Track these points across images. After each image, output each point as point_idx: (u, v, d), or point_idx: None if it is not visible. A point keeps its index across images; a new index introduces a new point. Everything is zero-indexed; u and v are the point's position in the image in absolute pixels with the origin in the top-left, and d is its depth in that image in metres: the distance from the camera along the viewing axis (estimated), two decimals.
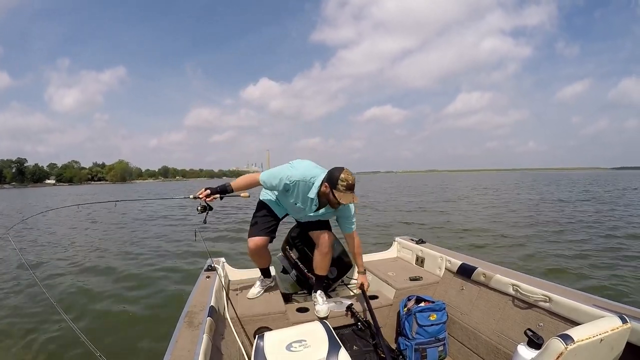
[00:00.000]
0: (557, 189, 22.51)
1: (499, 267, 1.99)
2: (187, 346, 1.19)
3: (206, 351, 1.19)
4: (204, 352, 1.17)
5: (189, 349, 1.17)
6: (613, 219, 8.46)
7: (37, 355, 2.39)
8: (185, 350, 1.17)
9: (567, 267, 4.44)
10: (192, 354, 1.14)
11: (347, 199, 1.70)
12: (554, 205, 11.91)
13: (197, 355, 1.13)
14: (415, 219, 9.14)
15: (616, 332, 1.01)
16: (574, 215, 9.22)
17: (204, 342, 1.21)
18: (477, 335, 1.79)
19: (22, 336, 2.65)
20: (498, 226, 7.74)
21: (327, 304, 2.00)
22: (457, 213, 10.52)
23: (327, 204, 1.83)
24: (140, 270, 4.49)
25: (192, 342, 1.21)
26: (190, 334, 1.28)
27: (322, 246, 2.00)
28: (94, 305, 3.29)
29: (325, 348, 1.29)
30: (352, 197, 1.72)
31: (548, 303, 1.54)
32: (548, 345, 0.95)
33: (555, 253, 5.13)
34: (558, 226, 7.53)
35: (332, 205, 1.80)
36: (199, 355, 1.13)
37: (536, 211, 10.38)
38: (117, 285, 3.84)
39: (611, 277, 4.04)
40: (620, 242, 5.89)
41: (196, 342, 1.21)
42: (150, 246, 6.08)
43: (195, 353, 1.14)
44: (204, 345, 1.19)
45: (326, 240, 1.99)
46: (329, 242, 2.00)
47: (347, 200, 1.70)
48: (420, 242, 2.63)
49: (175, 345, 1.21)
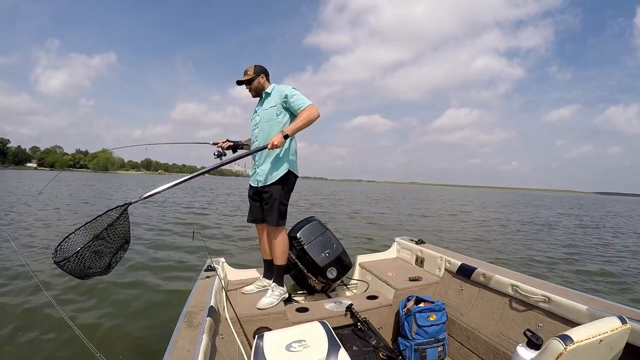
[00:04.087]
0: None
1: (499, 267, 2.00)
2: (186, 346, 1.19)
3: (206, 351, 1.19)
4: (204, 352, 1.17)
5: (188, 349, 1.17)
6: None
7: (36, 355, 2.39)
8: (184, 350, 1.17)
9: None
10: (192, 354, 1.14)
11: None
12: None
13: (196, 355, 1.13)
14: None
15: (615, 332, 1.01)
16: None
17: (204, 342, 1.21)
18: (476, 336, 1.79)
19: (19, 335, 2.65)
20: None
21: (272, 298, 1.99)
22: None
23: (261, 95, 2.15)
24: (140, 270, 4.48)
25: (192, 342, 1.21)
26: (190, 334, 1.28)
27: (270, 234, 2.11)
28: (93, 304, 3.29)
29: (325, 348, 1.29)
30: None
31: (547, 304, 1.54)
32: (547, 345, 0.95)
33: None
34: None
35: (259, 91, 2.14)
36: (198, 356, 1.12)
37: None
38: (116, 285, 3.83)
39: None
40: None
41: (196, 342, 1.21)
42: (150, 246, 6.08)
43: (194, 353, 1.14)
44: (203, 346, 1.19)
45: (272, 229, 2.07)
46: (273, 231, 2.07)
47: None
48: (420, 243, 2.64)
49: (175, 345, 1.21)
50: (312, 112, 1.94)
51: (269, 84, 2.18)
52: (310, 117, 1.93)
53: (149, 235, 7.04)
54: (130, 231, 1.56)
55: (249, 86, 2.16)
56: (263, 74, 2.15)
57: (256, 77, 2.12)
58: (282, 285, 2.11)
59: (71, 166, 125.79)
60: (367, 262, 2.74)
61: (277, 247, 2.07)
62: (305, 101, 1.98)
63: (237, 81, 2.17)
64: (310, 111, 1.94)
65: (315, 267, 2.41)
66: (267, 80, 2.17)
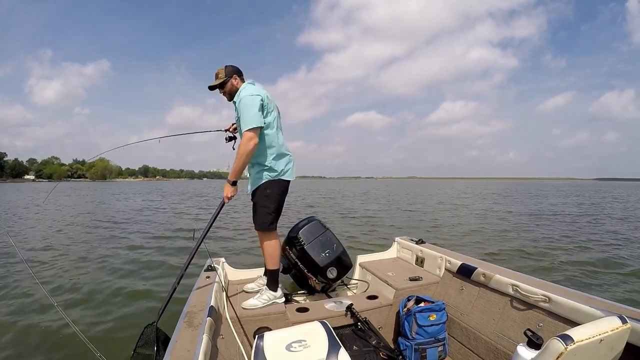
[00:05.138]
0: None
1: (499, 267, 1.99)
2: (186, 346, 1.19)
3: (206, 351, 1.19)
4: (204, 352, 1.17)
5: (188, 349, 1.17)
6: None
7: (36, 356, 2.39)
8: (184, 350, 1.17)
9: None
10: (192, 354, 1.14)
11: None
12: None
13: (196, 355, 1.13)
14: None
15: (616, 332, 1.01)
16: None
17: (204, 342, 1.21)
18: (476, 336, 1.79)
19: (20, 336, 2.65)
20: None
21: (258, 300, 1.97)
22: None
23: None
24: (140, 269, 4.49)
25: (192, 342, 1.21)
26: (190, 334, 1.28)
27: (259, 238, 2.09)
28: (93, 304, 3.29)
29: (325, 348, 1.29)
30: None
31: (548, 303, 1.54)
32: (548, 345, 0.95)
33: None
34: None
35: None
36: (198, 356, 1.12)
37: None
38: (116, 285, 3.83)
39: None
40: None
41: (196, 342, 1.21)
42: (148, 245, 6.08)
43: (194, 353, 1.14)
44: (203, 345, 1.19)
45: (258, 233, 2.06)
46: (259, 235, 2.07)
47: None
48: (420, 243, 2.64)
49: (175, 345, 1.21)
50: (244, 146, 1.78)
51: (242, 82, 2.01)
52: (244, 153, 1.79)
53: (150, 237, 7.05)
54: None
55: (222, 90, 2.00)
56: (235, 74, 1.98)
57: (228, 79, 1.97)
58: (274, 290, 2.01)
59: (69, 176, 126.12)
60: (367, 262, 2.74)
61: (264, 250, 2.05)
62: (245, 124, 1.79)
63: (209, 86, 2.00)
64: (243, 146, 1.78)
65: (316, 267, 2.41)
66: (240, 80, 2.01)
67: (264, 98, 1.88)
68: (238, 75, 2.00)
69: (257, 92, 1.88)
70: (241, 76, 2.03)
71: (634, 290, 3.76)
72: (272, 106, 1.96)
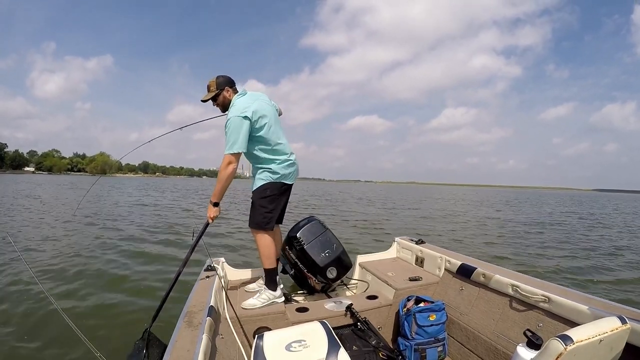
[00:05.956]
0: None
1: (499, 267, 2.00)
2: (186, 346, 1.19)
3: (206, 351, 1.19)
4: (204, 352, 1.17)
5: (188, 349, 1.17)
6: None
7: (36, 356, 2.39)
8: (184, 350, 1.17)
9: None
10: (192, 354, 1.14)
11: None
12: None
13: (196, 355, 1.13)
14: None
15: (615, 332, 1.01)
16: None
17: (204, 342, 1.21)
18: (476, 336, 1.79)
19: (20, 336, 2.65)
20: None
21: (257, 300, 1.97)
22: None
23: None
24: (140, 270, 4.48)
25: (192, 342, 1.21)
26: (190, 334, 1.28)
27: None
28: (93, 304, 3.29)
29: (325, 348, 1.29)
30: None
31: (547, 304, 1.54)
32: (547, 345, 0.95)
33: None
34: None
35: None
36: (198, 355, 1.12)
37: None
38: (116, 285, 3.83)
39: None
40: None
41: (195, 342, 1.21)
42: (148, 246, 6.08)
43: (194, 353, 1.14)
44: (203, 345, 1.19)
45: (251, 231, 2.06)
46: (252, 234, 2.06)
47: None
48: (419, 243, 2.64)
49: (175, 345, 1.21)
50: (223, 171, 1.81)
51: (235, 93, 1.98)
52: (223, 177, 1.82)
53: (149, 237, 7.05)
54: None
55: (215, 103, 1.98)
56: (227, 86, 1.94)
57: (220, 91, 1.94)
58: (273, 289, 2.01)
59: (69, 170, 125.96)
60: (367, 262, 2.74)
61: (260, 250, 2.05)
62: (228, 147, 1.78)
63: (202, 99, 1.98)
64: (223, 170, 1.81)
65: (315, 267, 2.41)
66: (233, 91, 1.97)
67: (254, 114, 1.83)
68: (230, 86, 1.96)
69: (246, 109, 1.83)
70: (233, 87, 1.99)
71: (634, 291, 3.76)
72: (266, 112, 1.91)
